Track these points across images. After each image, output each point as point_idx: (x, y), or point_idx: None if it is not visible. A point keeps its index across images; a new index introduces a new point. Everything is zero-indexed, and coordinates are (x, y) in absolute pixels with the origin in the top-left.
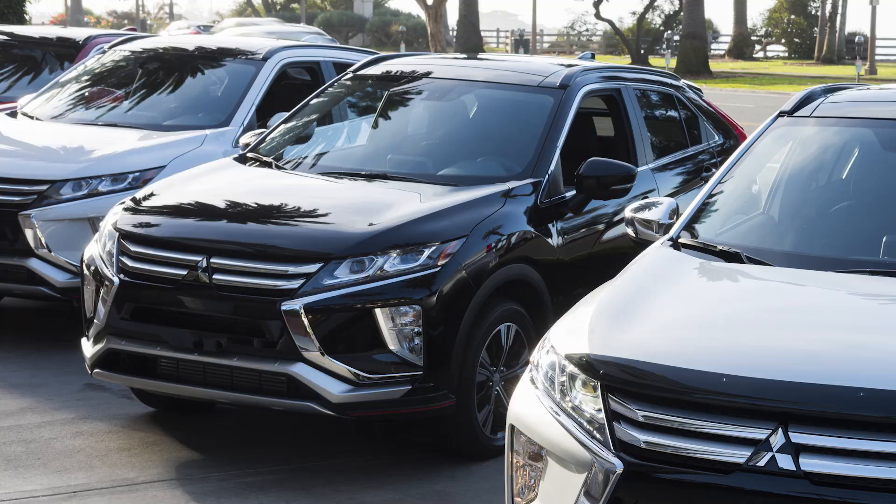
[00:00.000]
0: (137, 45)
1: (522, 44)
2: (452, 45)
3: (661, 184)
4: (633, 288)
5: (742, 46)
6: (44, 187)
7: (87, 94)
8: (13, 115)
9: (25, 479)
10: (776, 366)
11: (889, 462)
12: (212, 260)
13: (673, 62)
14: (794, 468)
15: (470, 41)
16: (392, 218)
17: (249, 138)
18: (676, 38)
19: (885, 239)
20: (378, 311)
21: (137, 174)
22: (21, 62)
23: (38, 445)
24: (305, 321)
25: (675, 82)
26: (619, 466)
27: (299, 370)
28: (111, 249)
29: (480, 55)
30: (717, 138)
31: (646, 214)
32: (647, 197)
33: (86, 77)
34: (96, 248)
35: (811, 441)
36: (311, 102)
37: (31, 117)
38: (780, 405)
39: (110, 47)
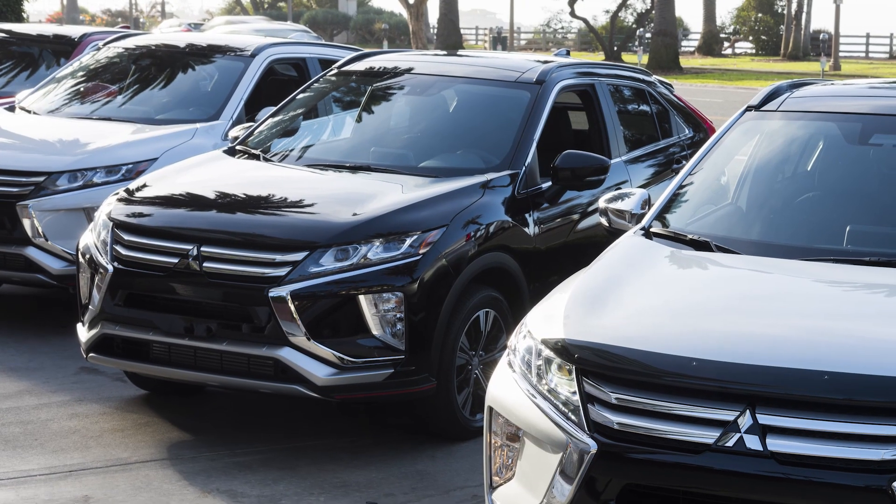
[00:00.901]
0: (131, 43)
1: (500, 41)
2: (433, 43)
3: (634, 175)
4: (606, 275)
5: (711, 43)
6: (41, 179)
7: (82, 89)
8: (11, 109)
9: (23, 459)
10: (744, 350)
11: (851, 442)
12: (202, 248)
13: (645, 59)
14: (761, 448)
15: (450, 38)
16: (375, 208)
17: (238, 132)
18: (648, 35)
19: (848, 228)
20: (362, 298)
21: (131, 166)
22: (19, 59)
23: (36, 426)
24: (292, 307)
25: (646, 78)
26: (593, 447)
27: (286, 354)
28: (105, 238)
29: (460, 52)
30: (687, 132)
31: (619, 205)
32: (619, 188)
33: (81, 73)
34: (91, 237)
35: (777, 422)
36: (298, 97)
37: (29, 112)
38: (748, 388)
39: (105, 44)
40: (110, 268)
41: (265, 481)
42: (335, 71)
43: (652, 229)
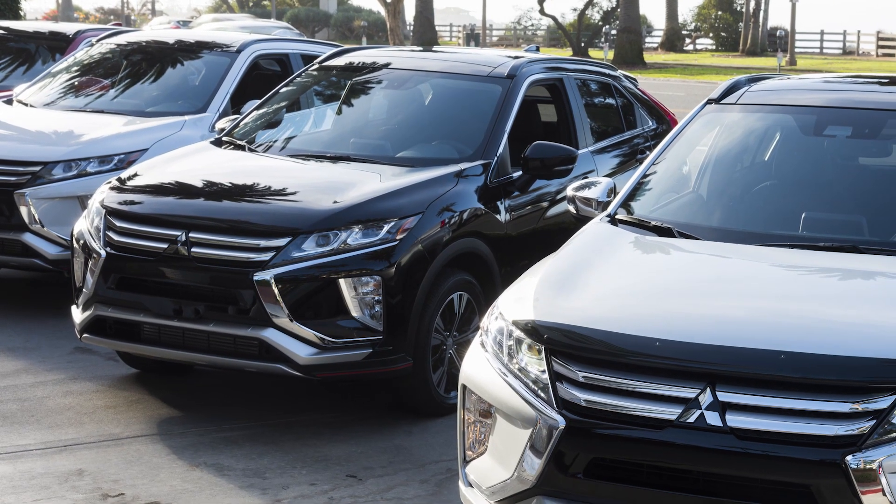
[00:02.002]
0: (122, 39)
1: (473, 37)
2: (409, 39)
3: (600, 165)
4: (574, 260)
5: (673, 40)
6: (37, 168)
7: (76, 83)
8: (9, 102)
9: (20, 435)
10: (705, 331)
11: (806, 418)
12: (190, 234)
13: (610, 54)
14: (720, 424)
15: (425, 35)
16: (354, 196)
17: (224, 123)
18: (614, 32)
19: (803, 216)
20: (342, 281)
21: (122, 156)
22: (16, 54)
23: (32, 403)
24: (276, 290)
25: (612, 72)
26: (561, 423)
27: (270, 335)
28: (98, 225)
29: (435, 48)
30: (650, 123)
31: (586, 193)
32: (587, 177)
33: (75, 68)
34: (85, 224)
35: (736, 399)
36: (281, 91)
37: (26, 104)
38: (709, 367)
39: (98, 41)
40: (103, 253)
41: (250, 455)
42: (316, 66)
43: (617, 216)
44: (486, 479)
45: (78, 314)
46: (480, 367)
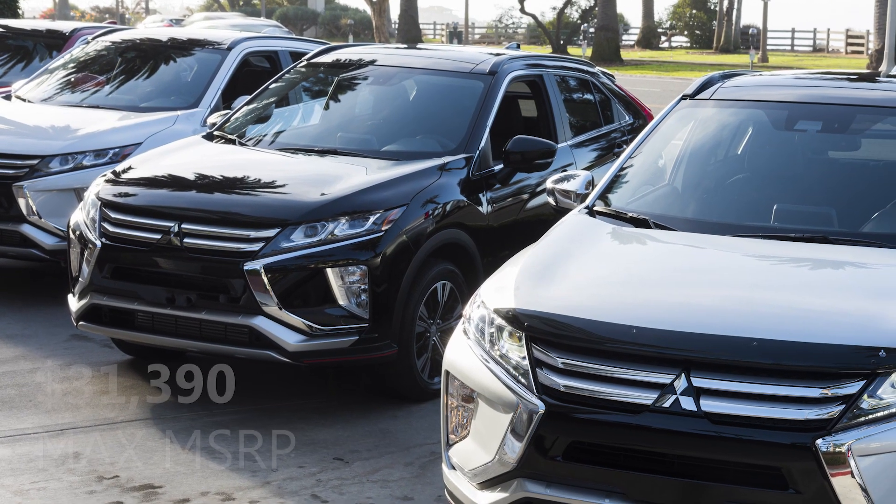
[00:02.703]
0: (117, 37)
1: (456, 35)
2: (394, 37)
3: (579, 158)
4: (553, 250)
5: (649, 37)
6: (35, 161)
7: (72, 79)
8: (8, 98)
9: (19, 419)
10: (679, 318)
11: (778, 403)
12: (183, 225)
13: (589, 51)
14: (695, 409)
15: (410, 33)
16: (341, 188)
17: (216, 118)
18: (592, 30)
19: (775, 207)
20: (329, 271)
21: (117, 150)
22: (15, 51)
23: (30, 389)
24: (265, 279)
25: (590, 69)
26: (541, 407)
27: (259, 322)
28: (94, 216)
29: (419, 45)
30: (627, 118)
31: (565, 185)
32: (566, 170)
33: (72, 64)
34: (81, 215)
35: (710, 385)
36: (271, 87)
37: (24, 100)
38: (683, 353)
39: (93, 38)
40: (98, 243)
41: (240, 439)
42: (305, 63)
43: (595, 208)
44: (468, 462)
45: (74, 303)
46: (463, 354)
